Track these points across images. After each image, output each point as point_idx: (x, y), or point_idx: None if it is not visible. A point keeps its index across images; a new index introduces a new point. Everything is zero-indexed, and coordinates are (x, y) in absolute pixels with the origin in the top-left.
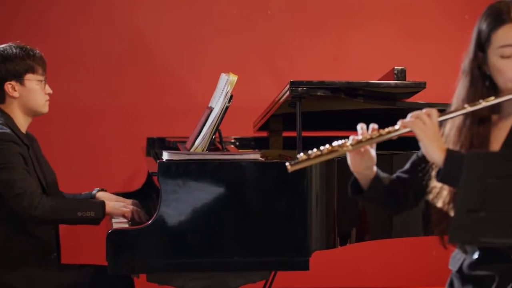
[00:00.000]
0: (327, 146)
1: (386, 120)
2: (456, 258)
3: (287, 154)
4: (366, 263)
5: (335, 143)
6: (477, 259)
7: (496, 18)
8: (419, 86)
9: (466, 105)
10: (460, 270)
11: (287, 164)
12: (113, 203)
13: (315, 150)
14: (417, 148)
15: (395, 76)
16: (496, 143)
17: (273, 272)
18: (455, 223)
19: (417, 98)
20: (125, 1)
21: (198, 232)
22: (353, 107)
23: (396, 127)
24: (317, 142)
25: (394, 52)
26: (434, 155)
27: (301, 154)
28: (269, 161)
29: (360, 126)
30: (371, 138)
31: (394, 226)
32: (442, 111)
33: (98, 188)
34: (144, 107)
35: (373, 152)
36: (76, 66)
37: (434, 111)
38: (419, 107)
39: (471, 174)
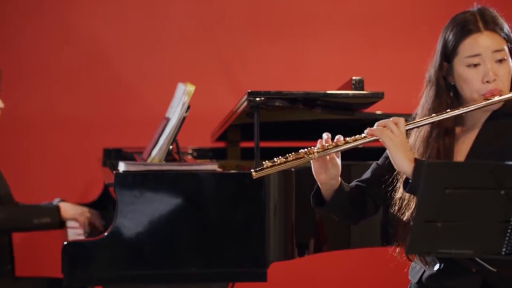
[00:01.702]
0: (293, 153)
1: (345, 130)
2: (416, 269)
3: (245, 164)
4: (325, 274)
5: (301, 151)
6: (437, 270)
7: (463, 28)
8: (377, 96)
9: (433, 115)
10: (420, 281)
11: (252, 170)
12: (68, 205)
13: (280, 157)
14: (375, 158)
15: (353, 86)
16: (460, 156)
17: (231, 284)
18: (413, 234)
19: (375, 108)
20: (83, 10)
21: (155, 243)
22: (311, 118)
23: (363, 135)
24: (276, 153)
25: (352, 62)
26: (403, 164)
27: (267, 161)
28: (226, 171)
29: (326, 134)
30: (337, 146)
31: (352, 237)
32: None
33: (58, 199)
34: (101, 117)
35: (338, 161)
36: (32, 76)
37: (401, 120)
38: (377, 117)
39: (429, 184)
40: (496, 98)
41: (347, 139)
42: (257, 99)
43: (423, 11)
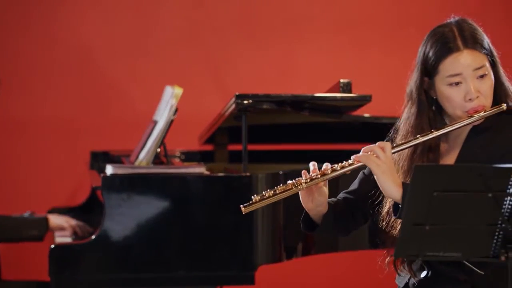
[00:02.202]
0: (281, 185)
1: (332, 132)
2: (403, 274)
3: (233, 167)
4: (314, 277)
5: (289, 182)
6: (424, 277)
7: (443, 47)
8: (365, 99)
9: (418, 136)
10: (406, 286)
11: (241, 206)
12: (55, 217)
13: (268, 190)
14: None
15: (341, 88)
16: None
17: (218, 287)
18: (401, 237)
19: (363, 111)
20: (71, 12)
21: (143, 246)
22: (299, 120)
23: (350, 161)
24: (264, 156)
25: (340, 65)
26: (391, 190)
27: (255, 195)
28: (214, 174)
29: (312, 164)
30: (324, 175)
31: (340, 240)
32: (386, 125)
33: (29, 212)
34: (88, 120)
35: (325, 189)
36: (20, 78)
37: (387, 145)
38: (365, 120)
39: (418, 186)
40: (480, 115)
41: (334, 167)
42: (245, 101)
43: (410, 14)
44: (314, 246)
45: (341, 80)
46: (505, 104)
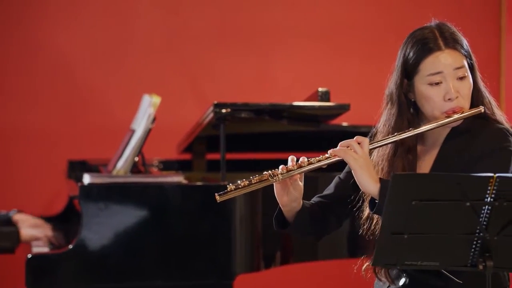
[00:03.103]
0: (257, 175)
1: (311, 142)
2: (381, 283)
3: (211, 176)
4: (292, 286)
5: (265, 173)
6: (402, 285)
7: (424, 46)
8: (343, 108)
9: (395, 134)
10: None
11: (216, 194)
12: (27, 230)
13: (244, 180)
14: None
15: (319, 97)
16: None
17: None
18: (379, 246)
19: (341, 120)
20: (48, 21)
21: (121, 256)
22: (278, 129)
23: (327, 155)
24: (242, 164)
25: (318, 74)
26: (368, 185)
27: (230, 184)
28: (192, 183)
29: (291, 158)
30: (301, 167)
31: (319, 249)
32: (365, 134)
33: (15, 210)
34: (66, 129)
35: (301, 183)
36: None
37: (365, 140)
38: (343, 129)
39: (396, 195)
40: (458, 116)
41: (311, 160)
42: (223, 110)
43: (388, 22)
44: (292, 255)
45: (319, 89)
46: (483, 107)
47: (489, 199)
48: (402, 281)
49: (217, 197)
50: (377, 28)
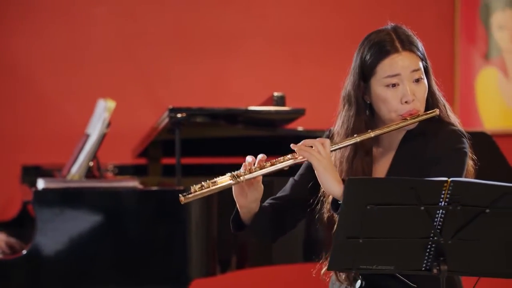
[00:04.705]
0: (220, 177)
1: (267, 146)
2: (337, 285)
3: (167, 181)
4: None
5: (228, 174)
6: None
7: (381, 49)
8: (298, 112)
9: (355, 136)
10: None
11: (180, 195)
12: None
13: (208, 181)
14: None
15: (274, 102)
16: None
17: None
18: (335, 250)
19: (297, 124)
20: (3, 25)
21: (75, 261)
22: (234, 134)
23: (289, 156)
24: (198, 169)
25: (274, 78)
26: (332, 187)
27: (194, 185)
28: (147, 188)
29: (250, 157)
30: (263, 168)
31: (274, 253)
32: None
33: None
34: (19, 133)
35: (261, 184)
36: None
37: (327, 141)
38: (298, 134)
39: (351, 200)
40: (414, 119)
41: (273, 160)
42: (178, 115)
43: (343, 27)
44: (248, 259)
45: (275, 94)
46: (438, 109)
47: (443, 203)
48: (358, 284)
49: (182, 199)
50: (332, 33)
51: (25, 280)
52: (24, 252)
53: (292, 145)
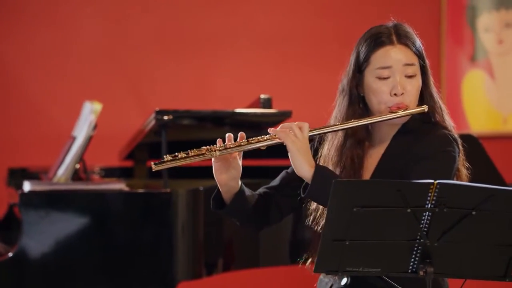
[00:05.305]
0: (195, 149)
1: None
2: (324, 282)
3: (153, 183)
4: None
5: (203, 147)
6: (344, 285)
7: (377, 40)
8: (285, 115)
9: (337, 123)
10: None
11: (152, 163)
12: None
13: (182, 152)
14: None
15: (261, 104)
16: (367, 171)
17: None
18: (321, 252)
19: None
20: None
21: (61, 263)
22: (220, 136)
23: (266, 136)
24: (184, 172)
25: (260, 81)
26: (303, 168)
27: (167, 155)
28: (134, 191)
29: (228, 135)
30: (239, 145)
31: (261, 255)
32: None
33: None
34: (6, 135)
35: (239, 162)
36: None
37: (305, 125)
38: None
39: (337, 202)
40: (401, 112)
41: (250, 139)
42: (165, 117)
43: (330, 29)
44: (234, 262)
45: (262, 96)
46: (427, 106)
47: (429, 205)
48: (344, 281)
49: (153, 166)
50: (318, 35)
51: (10, 283)
52: (10, 254)
53: (269, 129)
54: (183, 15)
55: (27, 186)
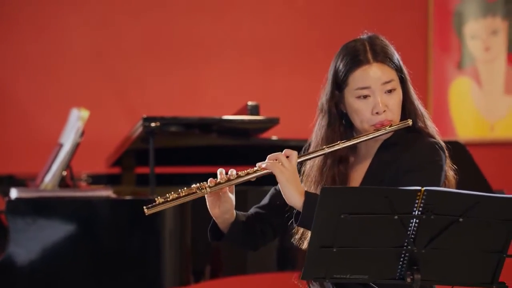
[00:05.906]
0: (185, 188)
1: (242, 156)
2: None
3: (140, 190)
4: None
5: (193, 186)
6: None
7: (353, 59)
8: (272, 122)
9: (324, 147)
10: None
11: (144, 207)
12: None
13: (173, 193)
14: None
15: (248, 111)
16: (354, 184)
17: None
18: (308, 259)
19: (271, 134)
20: None
21: (49, 271)
22: (208, 143)
23: (255, 168)
24: (172, 178)
25: (248, 88)
26: (293, 198)
27: (159, 197)
28: (121, 197)
29: (219, 171)
30: (229, 180)
31: (248, 262)
32: (296, 148)
33: None
34: None
35: (231, 196)
36: None
37: (293, 153)
38: (272, 143)
39: (325, 209)
40: (387, 128)
41: (239, 173)
42: (152, 124)
43: (318, 36)
44: (222, 269)
45: (249, 103)
46: (411, 120)
47: (417, 212)
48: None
49: (146, 210)
50: (305, 42)
51: None
52: None
53: (257, 164)
54: (171, 23)
55: (14, 193)
